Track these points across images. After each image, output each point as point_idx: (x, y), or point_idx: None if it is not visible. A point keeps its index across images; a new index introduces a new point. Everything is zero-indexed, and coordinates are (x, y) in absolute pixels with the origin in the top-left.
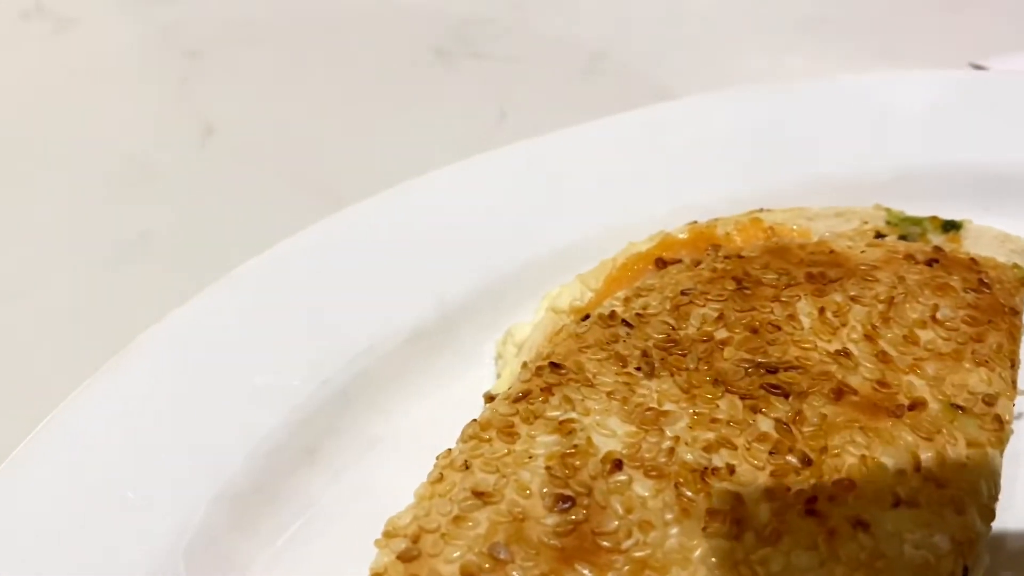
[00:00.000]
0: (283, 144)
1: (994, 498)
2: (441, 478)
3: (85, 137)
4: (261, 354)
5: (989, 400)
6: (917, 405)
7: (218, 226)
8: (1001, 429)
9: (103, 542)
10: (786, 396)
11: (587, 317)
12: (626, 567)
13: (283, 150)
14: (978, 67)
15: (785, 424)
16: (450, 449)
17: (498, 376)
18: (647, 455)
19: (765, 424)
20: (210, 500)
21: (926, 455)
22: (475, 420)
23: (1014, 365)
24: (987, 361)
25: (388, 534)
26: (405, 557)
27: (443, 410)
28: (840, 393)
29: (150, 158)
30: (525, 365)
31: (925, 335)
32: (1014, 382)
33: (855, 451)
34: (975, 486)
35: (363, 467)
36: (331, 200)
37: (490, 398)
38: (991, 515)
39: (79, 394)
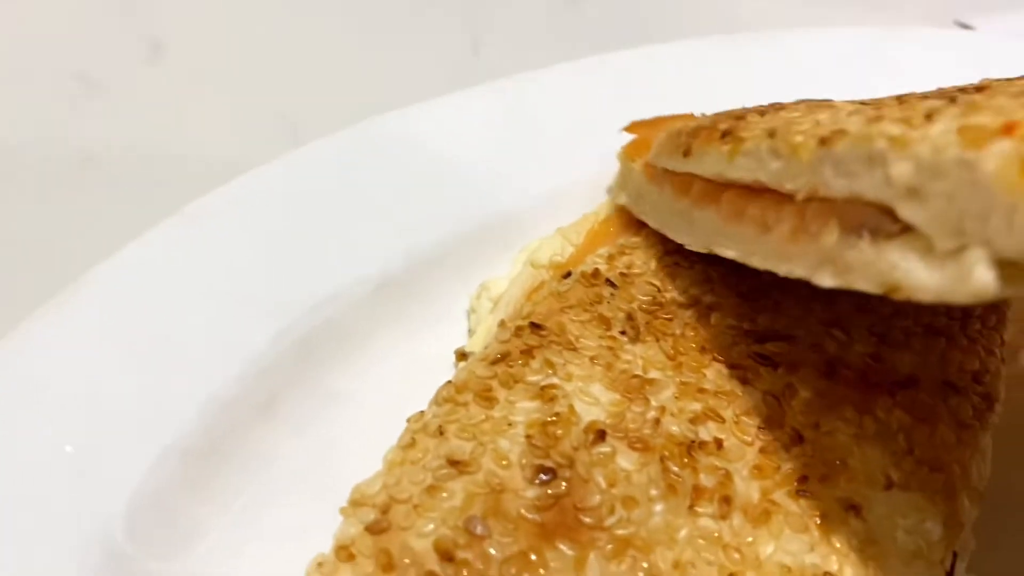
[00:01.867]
0: (238, 68)
1: (983, 479)
2: (413, 443)
3: (22, 51)
4: (215, 300)
5: (979, 378)
6: (910, 382)
7: (167, 154)
8: (991, 409)
9: (34, 501)
10: (775, 367)
11: (569, 274)
12: (609, 546)
13: (238, 74)
14: (964, 26)
15: (775, 397)
16: (422, 412)
17: (471, 332)
18: (631, 425)
19: (754, 397)
20: (156, 457)
21: (919, 437)
22: (450, 382)
23: (1003, 343)
24: (978, 338)
25: (355, 503)
26: (374, 529)
27: (412, 365)
28: (833, 367)
29: (93, 75)
30: (503, 324)
31: (919, 310)
32: (1003, 360)
33: (847, 429)
34: (966, 469)
35: (326, 424)
36: (288, 131)
37: (462, 355)
38: (979, 497)
39: (15, 336)
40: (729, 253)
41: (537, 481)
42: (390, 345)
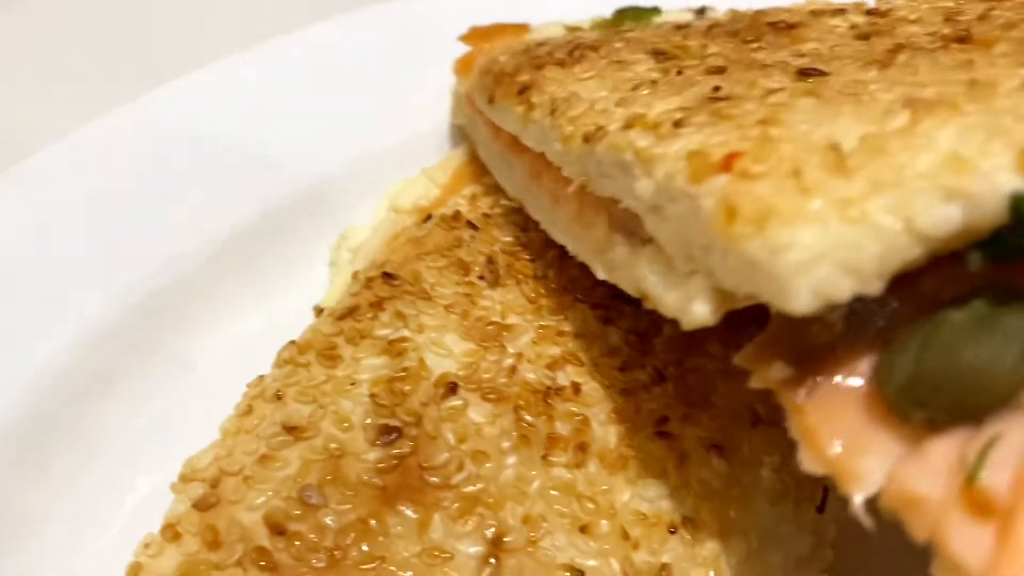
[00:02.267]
0: (97, 12)
1: None
2: (250, 410)
3: None
4: (45, 263)
5: None
6: None
7: (9, 107)
8: None
9: None
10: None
11: (429, 218)
12: (455, 504)
13: (96, 19)
14: None
15: (637, 335)
16: (263, 376)
17: (331, 285)
18: (486, 376)
19: (615, 337)
20: None
21: None
22: (293, 342)
23: None
24: None
25: (185, 478)
26: (202, 505)
27: (268, 328)
28: None
29: None
30: (355, 275)
31: None
32: None
33: (712, 365)
34: None
35: (170, 394)
36: (149, 76)
37: (321, 312)
38: None
39: None
40: (534, 215)
41: (380, 442)
42: (242, 306)
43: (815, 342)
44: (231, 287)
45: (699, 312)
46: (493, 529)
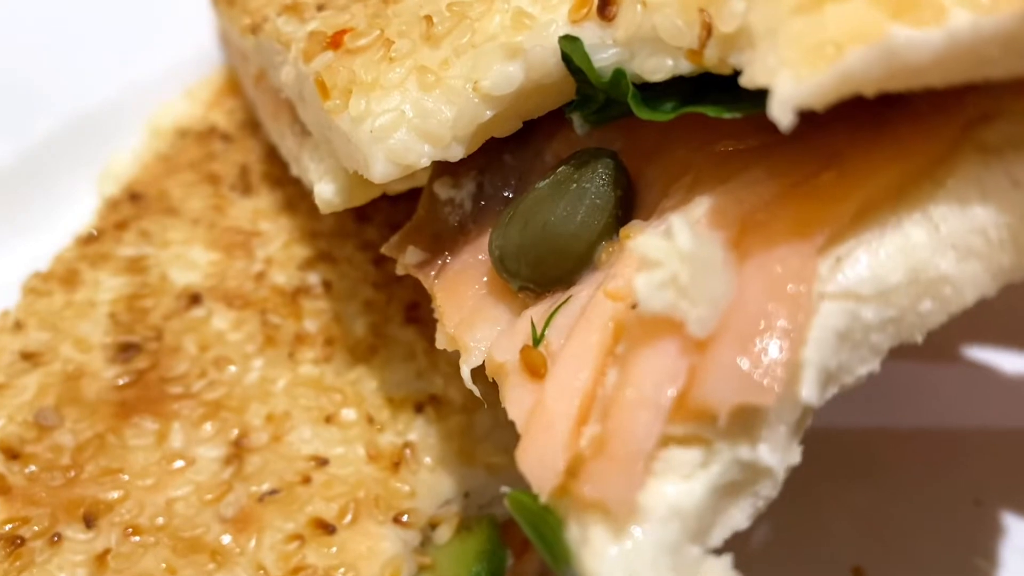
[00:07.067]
0: None
1: None
2: None
3: None
4: None
5: None
6: None
7: None
8: None
9: None
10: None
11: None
12: (198, 411)
13: None
14: None
15: (392, 228)
16: (8, 310)
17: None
18: (232, 284)
19: (371, 232)
20: None
21: None
22: (38, 272)
23: None
24: None
25: None
26: None
27: (35, 263)
28: None
29: None
30: (105, 200)
31: None
32: None
33: None
34: None
35: None
36: None
37: None
38: None
39: None
40: (263, 123)
41: (119, 359)
42: (5, 246)
43: (447, 224)
44: None
45: (324, 193)
46: (236, 431)
